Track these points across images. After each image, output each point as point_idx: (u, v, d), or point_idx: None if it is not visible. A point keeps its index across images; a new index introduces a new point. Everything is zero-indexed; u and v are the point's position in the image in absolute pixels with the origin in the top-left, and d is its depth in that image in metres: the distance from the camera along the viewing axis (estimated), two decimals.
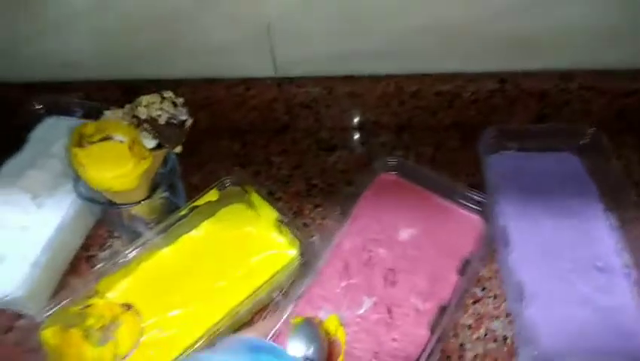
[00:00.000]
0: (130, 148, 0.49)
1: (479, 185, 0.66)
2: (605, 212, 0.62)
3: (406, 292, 0.56)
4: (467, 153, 0.71)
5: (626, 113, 0.71)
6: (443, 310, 0.54)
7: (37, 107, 0.67)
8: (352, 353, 0.52)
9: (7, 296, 0.51)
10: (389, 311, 0.55)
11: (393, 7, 0.61)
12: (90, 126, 0.49)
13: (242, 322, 0.56)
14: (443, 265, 0.57)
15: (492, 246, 0.59)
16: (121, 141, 0.48)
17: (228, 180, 0.62)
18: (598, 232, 0.60)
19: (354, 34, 0.64)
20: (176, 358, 0.50)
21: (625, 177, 0.60)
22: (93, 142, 0.49)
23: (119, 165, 0.47)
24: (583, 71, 0.68)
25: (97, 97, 0.70)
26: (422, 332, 0.53)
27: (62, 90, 0.70)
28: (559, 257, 0.58)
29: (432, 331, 0.53)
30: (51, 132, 0.66)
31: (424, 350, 0.51)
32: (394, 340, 0.53)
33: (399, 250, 0.59)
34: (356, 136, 0.74)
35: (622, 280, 0.56)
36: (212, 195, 0.61)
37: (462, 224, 0.61)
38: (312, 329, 0.49)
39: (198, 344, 0.51)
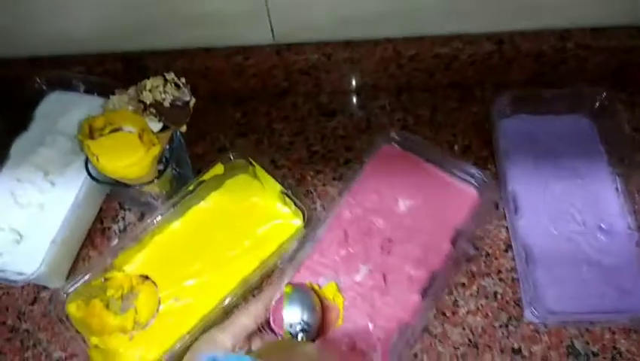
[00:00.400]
0: (140, 137, 0.51)
1: (476, 144, 0.69)
2: (613, 175, 0.64)
3: (401, 260, 0.59)
4: (465, 113, 0.72)
5: (623, 71, 0.71)
6: (434, 277, 0.58)
7: (40, 82, 0.67)
8: (349, 317, 0.56)
9: (32, 275, 0.55)
10: (384, 278, 0.58)
11: None
12: (100, 119, 0.50)
13: (253, 288, 0.61)
14: (437, 234, 0.60)
15: (487, 214, 0.62)
16: (130, 131, 0.50)
17: (232, 153, 0.64)
18: (604, 195, 0.63)
19: None
20: (194, 325, 0.54)
21: (634, 140, 0.62)
22: (103, 134, 0.50)
23: (130, 154, 0.49)
24: (580, 29, 0.68)
25: (98, 70, 0.70)
26: (414, 298, 0.57)
27: (62, 64, 0.70)
28: (566, 220, 0.61)
29: (423, 296, 0.57)
30: (55, 108, 0.67)
31: (415, 314, 0.55)
32: (387, 305, 0.57)
33: (397, 220, 0.62)
34: (355, 100, 0.75)
35: (625, 242, 0.60)
36: (218, 169, 0.63)
37: (458, 196, 0.63)
38: (305, 295, 0.53)
39: (213, 311, 0.56)
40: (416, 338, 0.56)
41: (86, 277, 0.57)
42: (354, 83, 0.75)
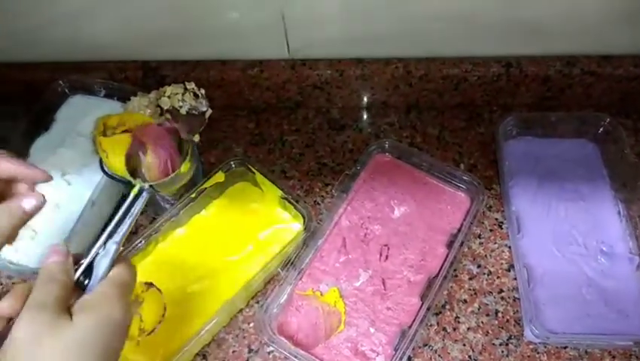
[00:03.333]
0: None
1: (482, 164, 0.71)
2: (616, 199, 0.65)
3: (399, 265, 0.61)
4: (472, 133, 0.74)
5: (628, 98, 0.73)
6: (432, 280, 0.59)
7: (63, 86, 0.70)
8: (351, 321, 0.58)
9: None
10: (383, 283, 0.60)
11: None
12: (114, 118, 0.52)
13: (256, 292, 0.62)
14: (432, 239, 0.63)
15: (477, 221, 0.64)
16: None
17: (233, 162, 0.66)
18: (607, 219, 0.64)
19: (365, 19, 0.66)
20: (199, 330, 0.55)
21: (638, 167, 0.63)
22: (115, 133, 0.52)
23: None
24: (586, 56, 0.70)
25: (118, 77, 0.73)
26: (414, 301, 0.59)
27: (85, 70, 0.72)
28: (568, 241, 0.63)
29: (422, 300, 0.58)
30: (76, 111, 0.69)
31: (416, 317, 0.56)
32: (388, 308, 0.58)
33: (392, 226, 0.64)
34: (365, 116, 0.77)
35: (626, 265, 0.61)
36: (219, 177, 0.65)
37: (450, 202, 0.66)
38: None
39: (217, 316, 0.56)
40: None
41: None
42: (364, 99, 0.77)
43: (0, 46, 0.73)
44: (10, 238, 0.40)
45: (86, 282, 0.40)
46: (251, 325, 0.60)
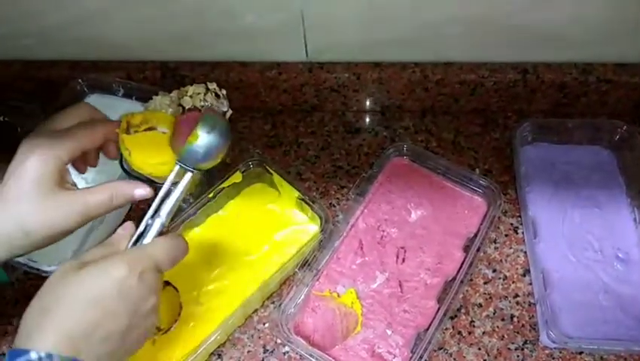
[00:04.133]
0: None
1: (497, 169, 0.71)
2: (631, 206, 0.65)
3: (416, 268, 0.62)
4: (487, 139, 0.74)
5: None
6: (449, 284, 0.59)
7: (82, 84, 0.70)
8: (368, 323, 0.58)
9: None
10: (400, 285, 0.60)
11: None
12: (138, 116, 0.52)
13: (272, 292, 0.62)
14: (449, 243, 0.63)
15: (494, 225, 0.64)
16: (164, 132, 0.52)
17: (250, 163, 0.66)
18: (622, 225, 0.64)
19: (383, 23, 0.66)
20: (216, 329, 0.55)
21: None
22: (138, 131, 0.52)
23: (160, 153, 0.51)
24: (602, 64, 0.70)
25: (137, 77, 0.73)
26: (430, 304, 0.59)
27: (104, 69, 0.73)
28: (584, 247, 0.63)
29: (439, 302, 0.58)
30: None
31: (433, 320, 0.56)
32: (405, 311, 0.58)
33: (409, 229, 0.65)
34: (381, 119, 0.78)
35: None
36: (236, 178, 0.66)
37: (467, 205, 0.66)
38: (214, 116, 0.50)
39: (233, 316, 0.57)
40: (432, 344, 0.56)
41: None
42: (381, 103, 0.77)
43: (19, 43, 0.73)
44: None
45: None
46: (267, 325, 0.60)
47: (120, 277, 0.39)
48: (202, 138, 0.46)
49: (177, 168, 0.48)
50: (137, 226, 0.45)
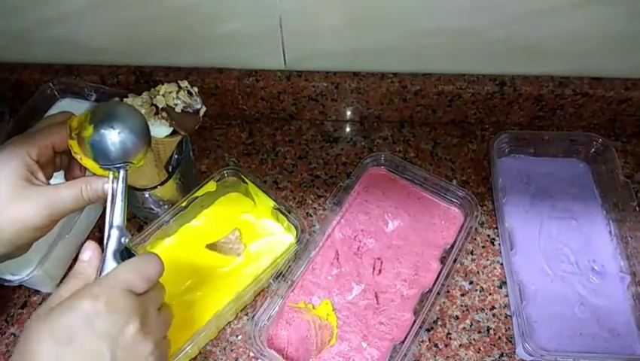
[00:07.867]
0: None
1: (474, 180, 0.71)
2: (607, 219, 0.66)
3: (392, 279, 0.61)
4: (464, 150, 0.75)
5: (618, 120, 0.74)
6: (425, 295, 0.59)
7: (53, 88, 0.68)
8: (343, 335, 0.57)
9: (27, 276, 0.55)
10: (376, 297, 0.59)
11: (401, 10, 0.63)
12: (75, 119, 0.47)
13: (246, 304, 0.61)
14: (425, 254, 0.62)
15: (471, 237, 0.63)
16: None
17: (225, 171, 0.65)
18: (598, 238, 0.64)
19: (362, 32, 0.66)
20: (189, 340, 0.54)
21: (628, 187, 0.63)
22: (79, 135, 0.49)
23: None
24: (579, 77, 0.71)
25: (111, 81, 0.72)
26: (407, 316, 0.58)
27: (77, 73, 0.71)
28: (560, 260, 0.63)
29: (415, 314, 0.58)
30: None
31: (409, 332, 0.56)
32: (381, 323, 0.57)
33: (386, 240, 0.64)
34: (359, 129, 0.77)
35: (617, 284, 0.61)
36: (210, 186, 0.64)
37: (444, 216, 0.66)
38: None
39: (206, 329, 0.55)
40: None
41: None
42: (359, 112, 0.77)
43: None
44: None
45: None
46: (239, 337, 0.58)
47: (85, 310, 0.37)
48: (95, 131, 0.43)
49: (110, 173, 0.45)
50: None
